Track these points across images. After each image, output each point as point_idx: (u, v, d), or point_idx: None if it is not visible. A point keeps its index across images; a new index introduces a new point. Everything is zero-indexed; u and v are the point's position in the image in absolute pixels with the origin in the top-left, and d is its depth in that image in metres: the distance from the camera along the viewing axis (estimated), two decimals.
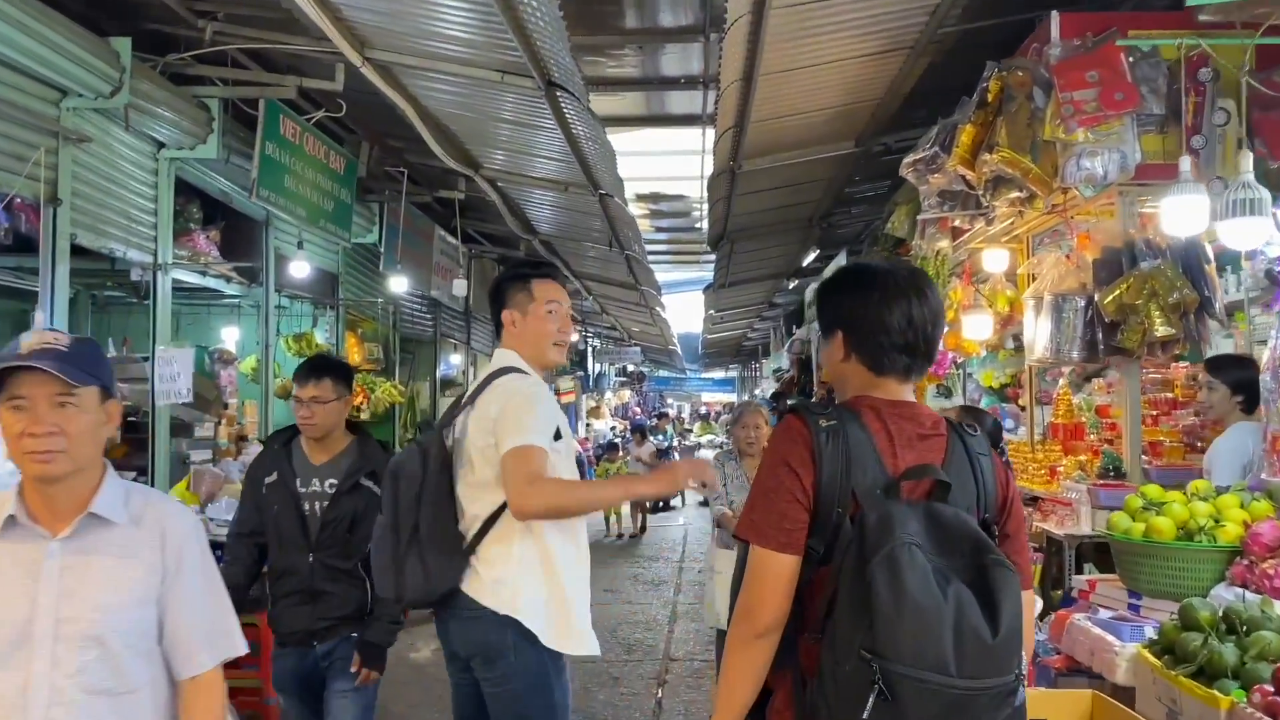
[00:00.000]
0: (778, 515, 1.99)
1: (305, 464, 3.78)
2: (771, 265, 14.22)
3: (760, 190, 9.49)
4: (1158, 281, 4.71)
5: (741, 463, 5.74)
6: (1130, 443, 5.17)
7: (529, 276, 3.21)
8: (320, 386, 3.73)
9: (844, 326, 2.16)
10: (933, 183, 5.50)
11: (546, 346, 3.17)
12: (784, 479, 2.00)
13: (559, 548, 2.98)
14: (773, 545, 1.98)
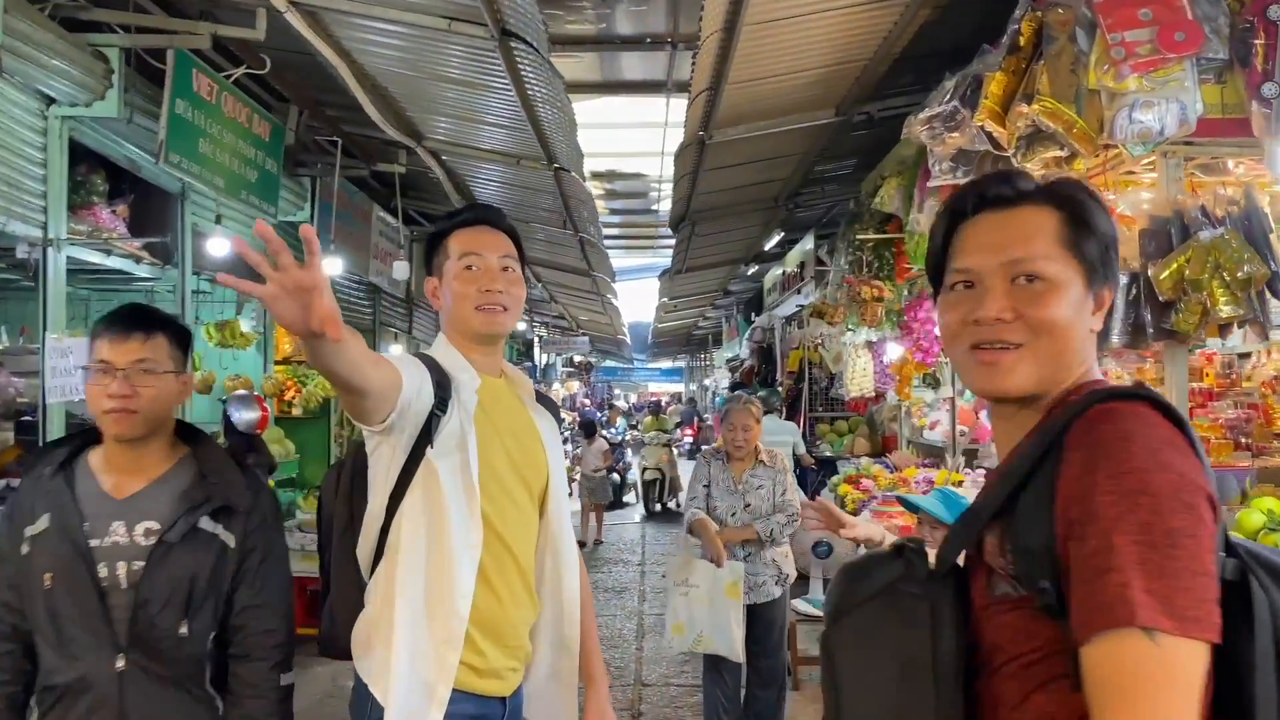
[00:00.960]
0: (1202, 580, 1.15)
1: (100, 498, 2.28)
2: (731, 249, 13.53)
3: (729, 165, 8.78)
4: (1222, 254, 4.05)
5: (729, 465, 5.01)
6: None
7: (444, 233, 2.42)
8: (150, 346, 2.30)
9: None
10: (949, 143, 4.80)
11: (467, 311, 2.35)
12: (1203, 517, 1.19)
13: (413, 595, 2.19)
14: (1201, 632, 1.14)
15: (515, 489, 2.33)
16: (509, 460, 2.33)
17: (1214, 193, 4.40)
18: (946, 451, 8.25)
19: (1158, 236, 4.40)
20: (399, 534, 2.18)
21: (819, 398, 11.72)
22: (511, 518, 2.32)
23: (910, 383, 8.07)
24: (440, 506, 2.16)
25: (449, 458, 2.19)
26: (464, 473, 2.21)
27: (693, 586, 4.80)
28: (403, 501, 2.18)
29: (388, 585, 2.17)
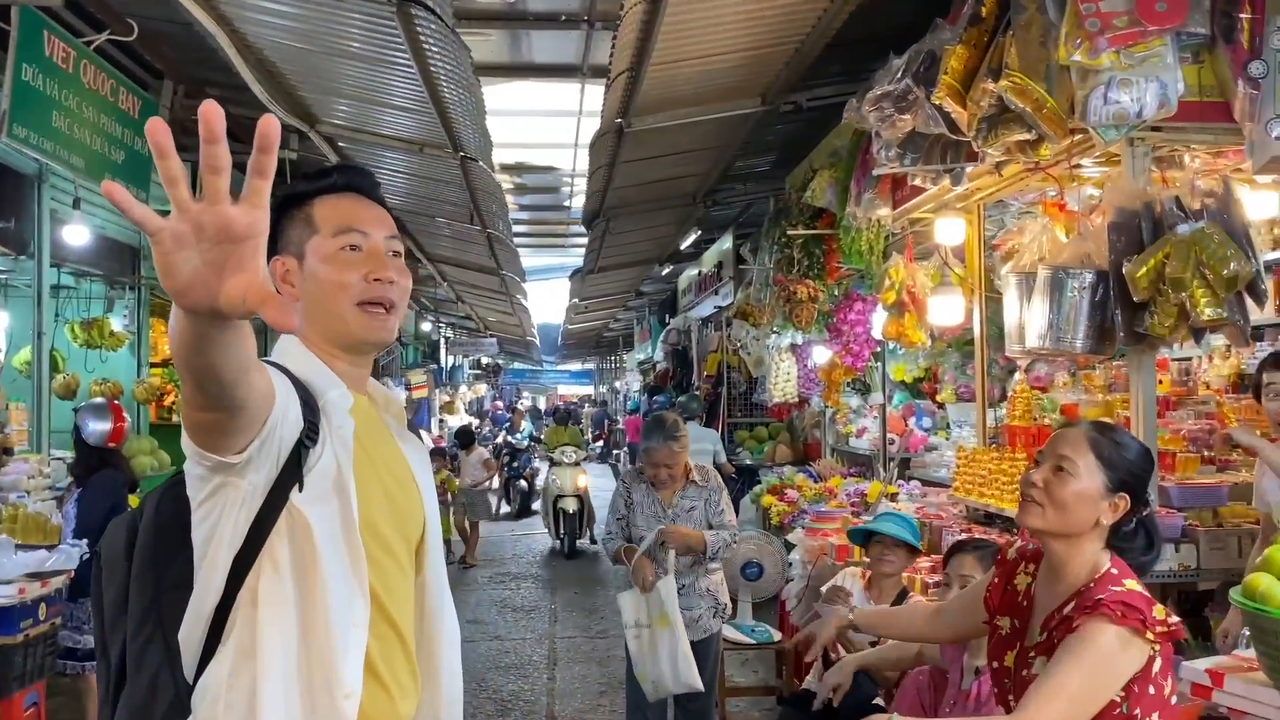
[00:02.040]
0: None
1: None
2: (646, 248, 13.03)
3: (647, 158, 8.27)
4: (1204, 250, 3.66)
5: (655, 490, 4.47)
6: None
7: (306, 196, 1.77)
8: None
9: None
10: (899, 125, 4.36)
11: (343, 308, 1.71)
12: None
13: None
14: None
15: (396, 544, 1.74)
16: (390, 506, 1.74)
17: (1189, 184, 4.03)
18: (875, 460, 7.87)
19: (1127, 231, 4.01)
20: (253, 613, 1.55)
21: (738, 403, 11.31)
22: (395, 583, 1.73)
23: (839, 388, 7.68)
24: (314, 573, 1.57)
25: (323, 505, 1.59)
26: (344, 526, 1.62)
27: (643, 628, 4.25)
28: (257, 567, 1.55)
29: (235, 686, 1.54)
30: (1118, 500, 2.12)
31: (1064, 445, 2.19)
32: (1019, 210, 6.55)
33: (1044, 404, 5.66)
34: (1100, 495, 2.11)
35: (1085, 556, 2.14)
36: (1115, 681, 1.97)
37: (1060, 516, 2.12)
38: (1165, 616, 1.99)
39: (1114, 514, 2.13)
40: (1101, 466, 2.12)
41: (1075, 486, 2.11)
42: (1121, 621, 1.96)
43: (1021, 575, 2.31)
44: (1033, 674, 2.08)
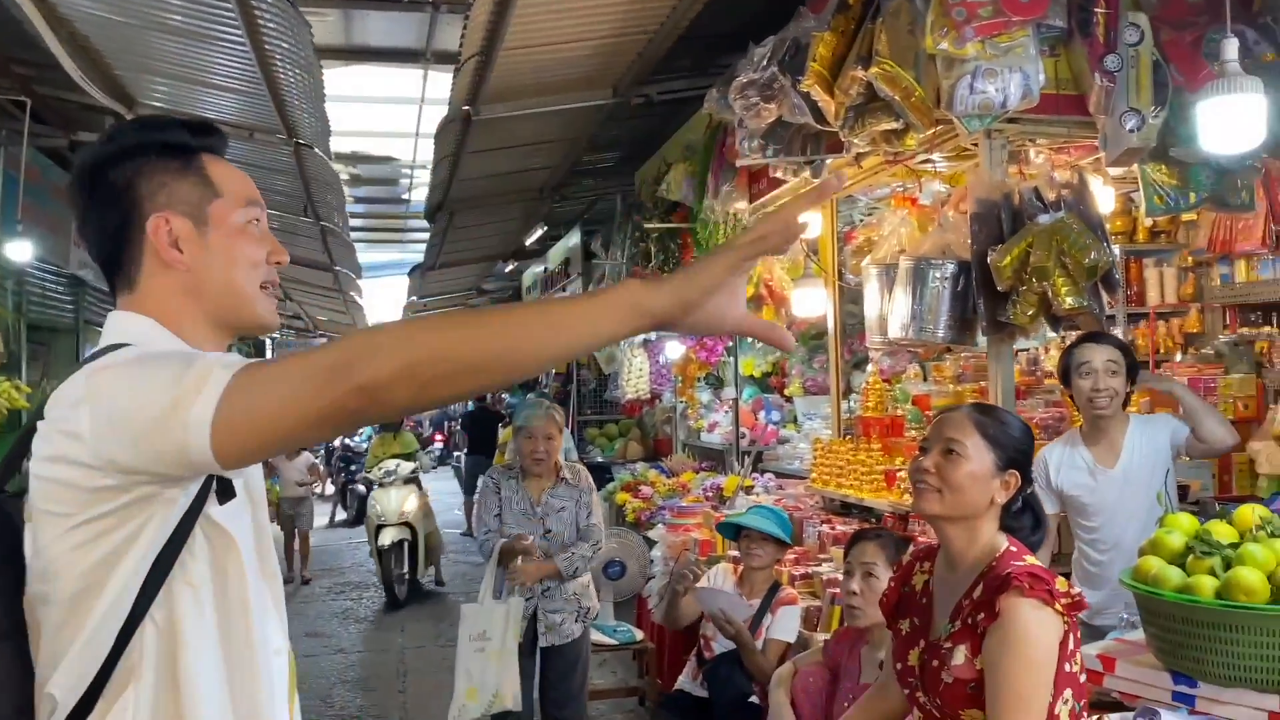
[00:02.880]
0: None
1: None
2: (489, 244, 12.76)
3: (494, 148, 8.04)
4: (1065, 239, 3.73)
5: (524, 484, 4.27)
6: None
7: (193, 149, 1.45)
8: None
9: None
10: (764, 114, 4.30)
11: (253, 290, 1.47)
12: None
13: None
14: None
15: (269, 556, 1.52)
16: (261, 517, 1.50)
17: (1046, 176, 4.11)
18: (727, 454, 7.87)
19: (987, 222, 4.06)
20: (172, 643, 1.27)
21: (588, 400, 11.17)
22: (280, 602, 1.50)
23: (693, 383, 7.62)
24: (237, 596, 1.34)
25: (239, 515, 1.37)
26: (258, 537, 1.41)
27: (488, 640, 4.01)
28: (168, 596, 1.27)
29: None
30: (1008, 478, 2.13)
31: (950, 428, 2.17)
32: (867, 205, 6.64)
33: (896, 395, 5.74)
34: (991, 474, 2.12)
35: (983, 540, 2.11)
36: (1051, 658, 1.93)
37: (956, 499, 2.10)
38: (1068, 589, 1.96)
39: (1006, 492, 2.13)
40: (989, 446, 2.12)
41: (967, 468, 2.11)
42: (1030, 593, 1.94)
43: (918, 575, 2.26)
44: (947, 665, 2.02)
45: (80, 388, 1.22)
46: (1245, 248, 5.57)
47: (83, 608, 1.24)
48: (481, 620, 4.04)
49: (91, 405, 1.18)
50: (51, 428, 1.23)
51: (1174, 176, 3.95)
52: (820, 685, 2.98)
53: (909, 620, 2.21)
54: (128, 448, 1.16)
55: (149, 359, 1.24)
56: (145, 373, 1.20)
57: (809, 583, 4.45)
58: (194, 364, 1.17)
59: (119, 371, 1.23)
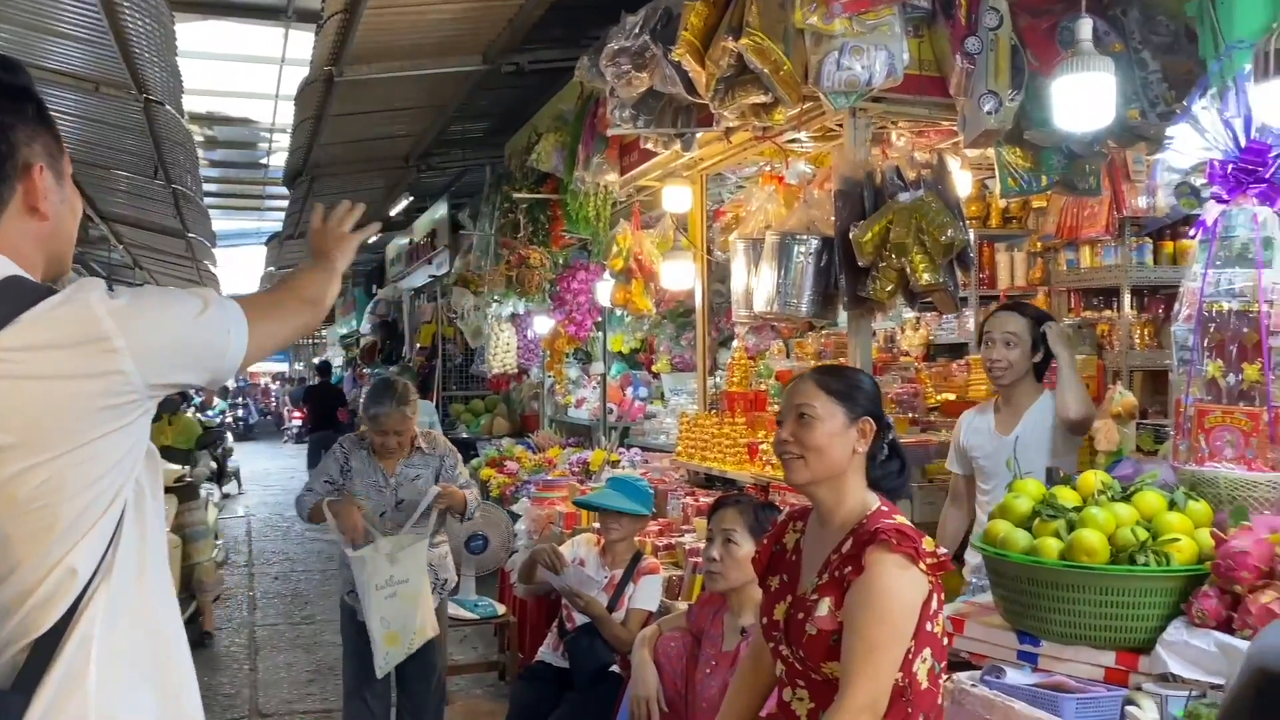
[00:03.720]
0: None
1: None
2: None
3: (358, 112, 7.81)
4: (924, 217, 3.83)
5: (374, 457, 4.14)
6: None
7: (43, 108, 1.46)
8: None
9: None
10: (635, 83, 4.27)
11: (71, 240, 1.54)
12: None
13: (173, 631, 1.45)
14: None
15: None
16: None
17: (907, 156, 4.20)
18: (595, 430, 7.86)
19: (850, 199, 4.14)
20: (110, 596, 1.33)
21: (453, 375, 10.98)
22: None
23: (562, 358, 7.58)
24: (156, 509, 1.44)
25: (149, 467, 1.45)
26: (155, 491, 1.45)
27: (402, 584, 3.89)
28: (118, 538, 1.35)
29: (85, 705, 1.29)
30: (863, 425, 2.17)
31: (798, 395, 2.21)
32: (735, 184, 6.71)
33: (760, 370, 5.82)
34: (846, 427, 2.15)
35: (853, 498, 2.14)
36: (910, 614, 1.96)
37: (820, 461, 2.13)
38: (934, 549, 2.00)
39: (865, 440, 2.17)
40: (836, 401, 2.16)
41: (823, 428, 2.14)
42: (897, 549, 1.97)
43: (790, 534, 2.28)
44: (812, 617, 2.04)
45: (98, 324, 1.31)
46: (1090, 234, 5.84)
47: (104, 495, 1.33)
48: (386, 567, 3.91)
49: (129, 338, 1.32)
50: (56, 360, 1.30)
51: (1027, 159, 4.08)
52: (682, 649, 3.00)
53: (778, 577, 2.23)
54: (183, 369, 1.40)
55: (166, 298, 1.41)
56: (179, 312, 1.40)
57: (672, 553, 4.47)
58: (220, 303, 1.45)
59: (150, 312, 1.38)
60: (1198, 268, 2.50)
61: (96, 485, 1.31)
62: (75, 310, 1.31)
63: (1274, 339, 2.37)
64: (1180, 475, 2.53)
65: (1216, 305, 2.44)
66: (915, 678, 1.99)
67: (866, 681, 1.89)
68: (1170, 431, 2.73)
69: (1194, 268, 2.52)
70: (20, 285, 1.34)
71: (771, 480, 4.56)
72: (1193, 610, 2.20)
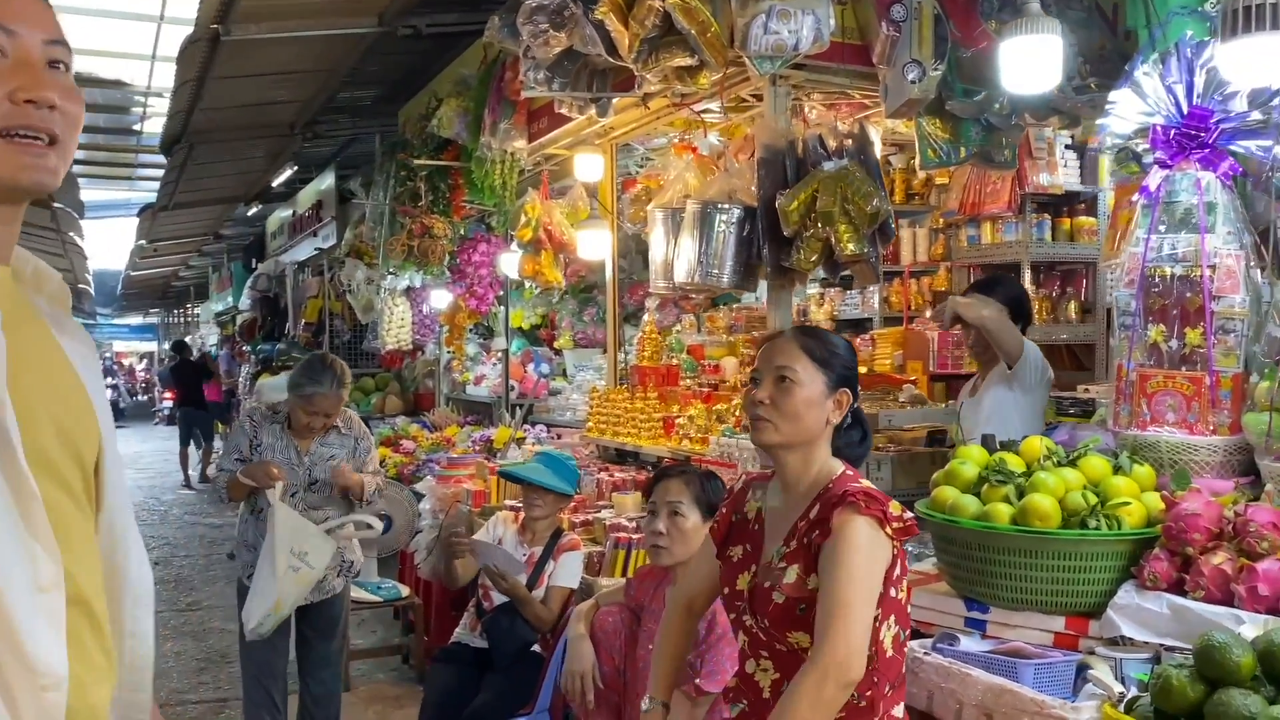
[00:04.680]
0: None
1: None
2: (232, 184, 11.87)
3: (243, 76, 7.42)
4: (849, 186, 3.79)
5: (288, 434, 3.92)
6: None
7: None
8: None
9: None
10: (552, 43, 4.11)
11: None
12: None
13: None
14: None
15: (69, 474, 1.26)
16: (55, 423, 1.24)
17: (829, 125, 4.17)
18: (495, 407, 7.68)
19: (773, 168, 4.08)
20: None
21: (342, 352, 10.60)
22: (73, 526, 1.25)
23: (462, 333, 7.37)
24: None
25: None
26: (2, 453, 1.16)
27: (307, 565, 3.65)
28: None
29: None
30: (840, 396, 2.10)
31: (779, 356, 2.12)
32: (642, 157, 6.61)
33: (672, 345, 5.75)
34: (824, 396, 2.08)
35: (818, 463, 2.08)
36: (878, 578, 1.91)
37: (794, 427, 2.06)
38: (900, 513, 1.95)
39: (840, 411, 2.10)
40: (819, 368, 2.08)
41: (803, 394, 2.06)
42: (866, 511, 1.92)
43: (750, 502, 2.19)
44: (778, 585, 1.96)
45: None
46: (992, 210, 5.93)
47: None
48: (301, 539, 3.69)
49: None
50: None
51: (947, 131, 4.09)
52: (621, 624, 2.90)
53: (740, 547, 2.14)
54: None
55: None
56: None
57: (589, 529, 4.37)
58: None
59: None
60: (1140, 233, 2.51)
61: None
62: None
63: (1216, 303, 2.39)
64: (1121, 440, 2.55)
65: (1159, 270, 2.46)
66: (881, 645, 1.94)
67: (839, 638, 1.83)
68: (1105, 401, 2.74)
69: (1136, 233, 2.53)
70: None
71: (690, 455, 4.49)
72: (1144, 573, 2.20)
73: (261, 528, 3.85)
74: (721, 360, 5.33)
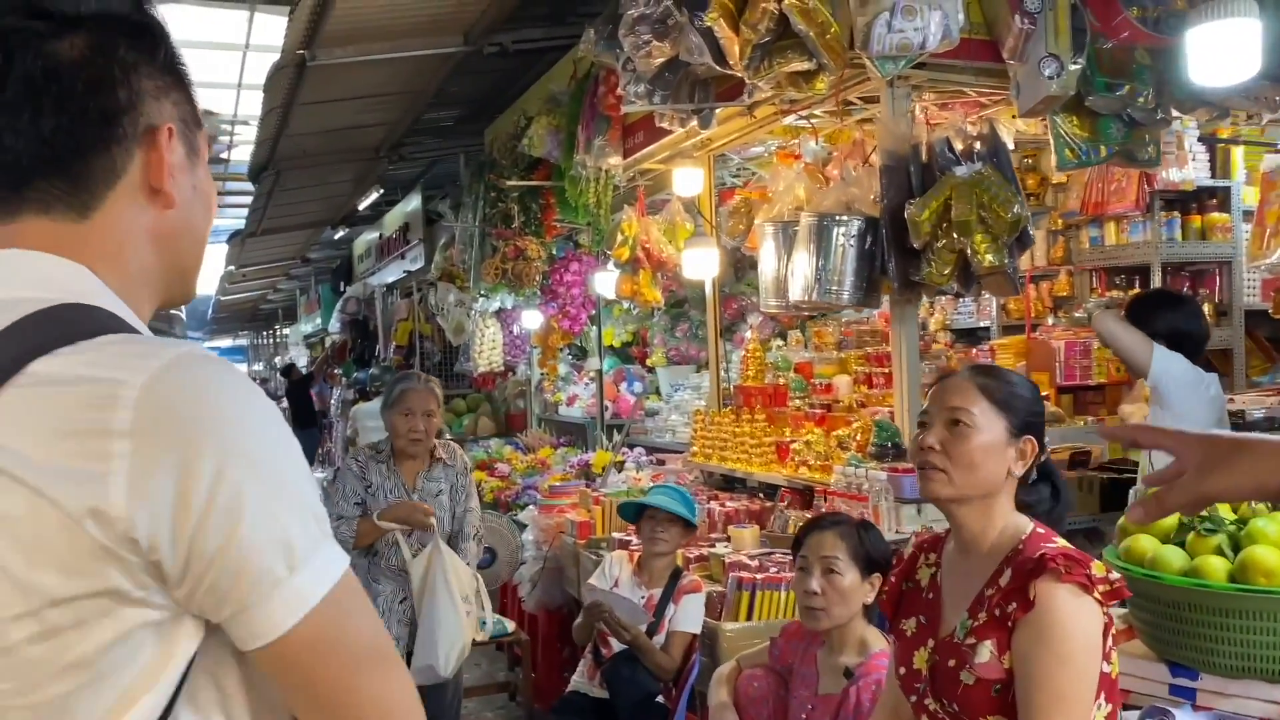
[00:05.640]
0: None
1: None
2: (318, 209, 11.94)
3: (330, 101, 7.37)
4: (985, 192, 3.50)
5: (397, 467, 3.75)
6: (910, 410, 3.97)
7: (177, 59, 1.01)
8: None
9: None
10: (655, 54, 3.89)
11: (201, 247, 1.05)
12: None
13: None
14: None
15: None
16: None
17: (956, 127, 3.87)
18: (588, 428, 7.49)
19: (896, 175, 3.81)
20: None
21: (432, 373, 10.54)
22: None
23: (556, 354, 7.20)
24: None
25: None
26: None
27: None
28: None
29: None
30: (1024, 445, 1.85)
31: (954, 397, 1.86)
32: (737, 167, 6.35)
33: (777, 363, 5.48)
34: (1005, 443, 1.83)
35: (1003, 521, 1.82)
36: (1094, 652, 1.64)
37: (969, 477, 1.80)
38: (1106, 573, 1.67)
39: (1024, 461, 1.85)
40: (999, 411, 1.84)
41: (979, 440, 1.81)
42: (1068, 577, 1.65)
43: (923, 569, 1.93)
44: (968, 664, 1.70)
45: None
46: (1118, 209, 5.56)
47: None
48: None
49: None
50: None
51: (1085, 129, 3.78)
52: (768, 690, 2.64)
53: (914, 619, 1.88)
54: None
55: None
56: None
57: (705, 565, 4.11)
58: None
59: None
60: None
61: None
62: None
63: None
64: None
65: None
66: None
67: None
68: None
69: None
70: (70, 311, 0.88)
71: (809, 483, 4.23)
72: None
73: (376, 570, 3.69)
74: (834, 379, 5.05)
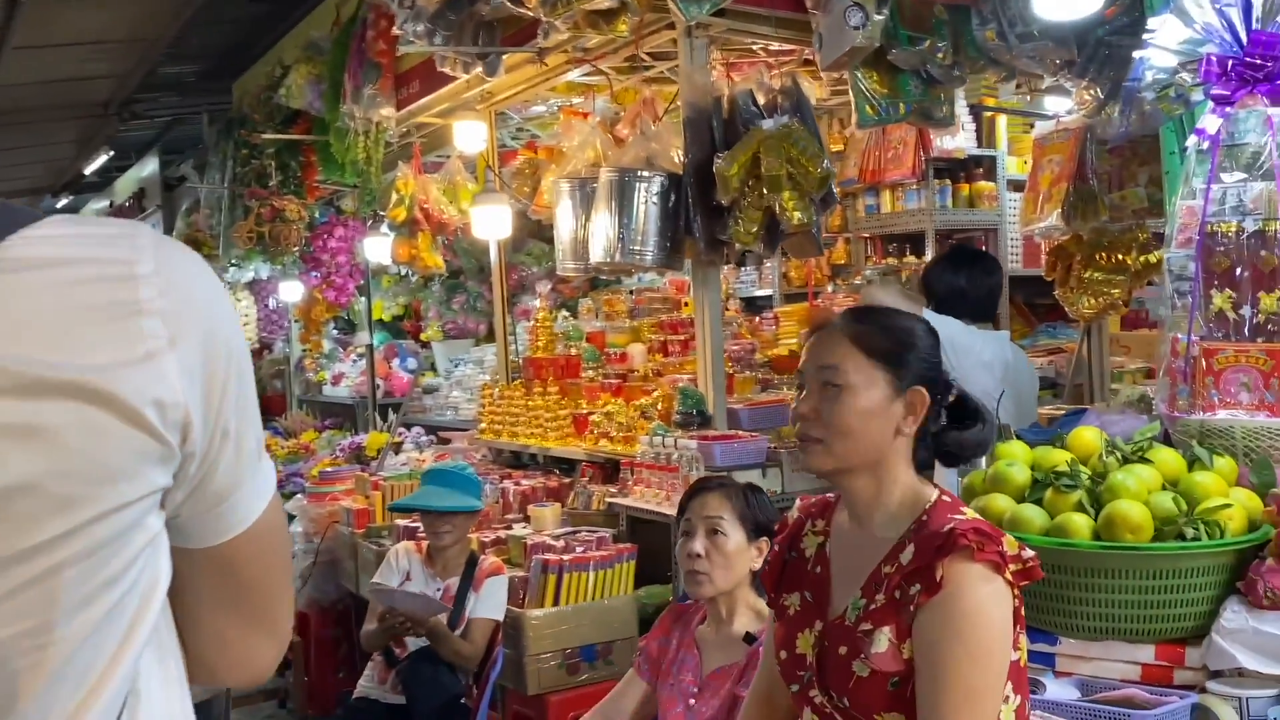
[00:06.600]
0: None
1: None
2: (36, 173, 10.70)
3: (48, 45, 6.51)
4: (793, 147, 3.35)
5: None
6: (714, 376, 3.80)
7: None
8: None
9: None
10: None
11: None
12: None
13: None
14: None
15: None
16: None
17: (756, 81, 3.72)
18: (358, 409, 6.98)
19: (698, 129, 3.62)
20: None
21: None
22: None
23: (320, 328, 6.63)
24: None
25: None
26: None
27: None
28: None
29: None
30: (911, 397, 1.57)
31: (824, 354, 1.59)
32: (516, 128, 6.02)
33: (568, 333, 5.21)
34: (889, 400, 1.56)
35: (901, 486, 1.57)
36: (1006, 642, 1.45)
37: (849, 445, 1.54)
38: (1019, 550, 1.48)
39: (916, 417, 1.57)
40: (877, 364, 1.56)
41: (855, 402, 1.54)
42: (981, 555, 1.43)
43: (809, 537, 1.70)
44: (863, 654, 1.48)
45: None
46: (895, 176, 5.63)
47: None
48: None
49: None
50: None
51: (885, 85, 3.69)
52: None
53: (798, 595, 1.64)
54: None
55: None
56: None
57: (503, 549, 3.80)
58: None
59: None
60: (1197, 183, 2.14)
61: None
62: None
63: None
64: (1181, 427, 2.18)
65: (1223, 225, 2.09)
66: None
67: None
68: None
69: (1191, 183, 2.16)
70: None
71: (612, 456, 3.99)
72: (1258, 589, 1.83)
73: None
74: (628, 348, 4.83)
